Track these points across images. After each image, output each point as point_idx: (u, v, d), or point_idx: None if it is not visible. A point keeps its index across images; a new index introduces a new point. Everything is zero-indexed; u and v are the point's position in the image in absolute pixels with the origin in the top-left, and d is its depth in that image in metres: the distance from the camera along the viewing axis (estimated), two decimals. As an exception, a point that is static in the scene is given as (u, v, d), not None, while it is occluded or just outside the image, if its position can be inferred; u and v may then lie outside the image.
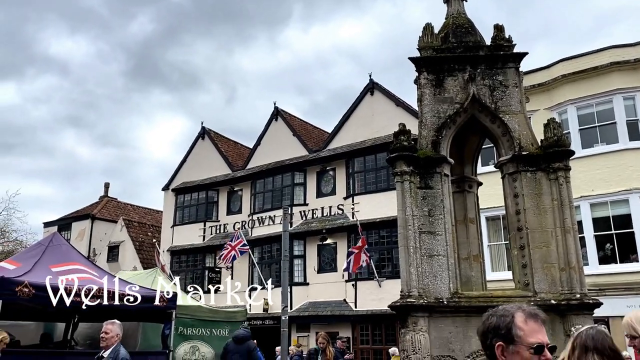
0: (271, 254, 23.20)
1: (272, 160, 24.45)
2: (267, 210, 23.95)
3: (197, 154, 28.02)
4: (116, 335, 5.86)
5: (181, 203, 27.43)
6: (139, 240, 30.59)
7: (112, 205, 36.32)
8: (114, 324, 5.88)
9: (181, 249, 26.17)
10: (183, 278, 25.03)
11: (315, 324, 20.56)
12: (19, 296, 7.77)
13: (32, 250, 9.97)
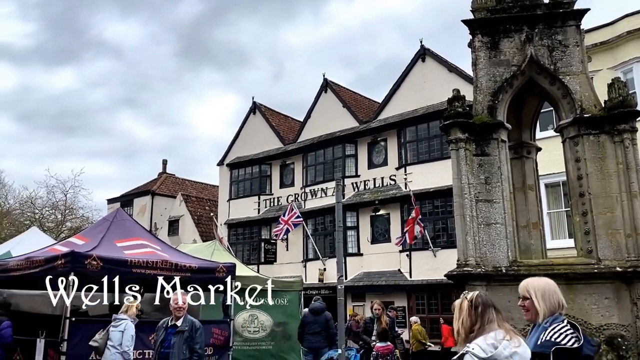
0: (324, 225, 23.42)
1: (322, 133, 24.46)
2: (319, 182, 24.09)
3: (249, 129, 28.39)
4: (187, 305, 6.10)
5: (236, 177, 28.00)
6: (197, 215, 31.61)
7: (170, 181, 37.56)
8: (185, 294, 6.10)
9: (237, 222, 26.83)
10: (240, 250, 25.75)
11: (370, 294, 20.74)
12: (89, 269, 8.24)
13: (99, 226, 10.48)
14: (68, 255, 8.12)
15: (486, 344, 2.85)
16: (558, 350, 3.03)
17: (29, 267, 8.95)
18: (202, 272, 9.62)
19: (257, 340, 11.43)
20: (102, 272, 8.65)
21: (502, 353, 2.81)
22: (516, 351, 2.85)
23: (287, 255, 24.42)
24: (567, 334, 3.10)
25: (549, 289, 3.27)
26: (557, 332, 3.10)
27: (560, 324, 3.17)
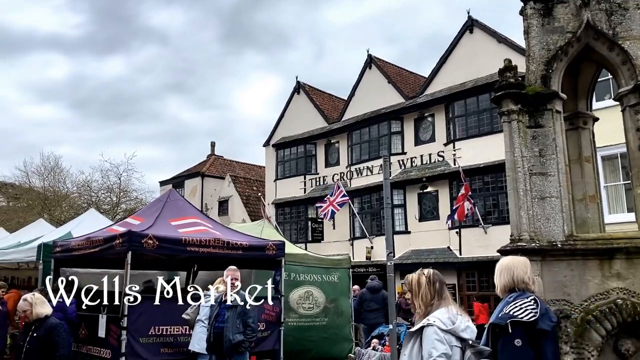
0: (371, 204, 23.36)
1: (367, 110, 24.25)
2: (364, 161, 23.98)
3: (294, 109, 28.47)
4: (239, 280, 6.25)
5: (281, 158, 28.24)
6: (245, 195, 32.19)
7: (219, 162, 38.30)
8: (238, 271, 6.24)
9: (284, 201, 27.14)
10: (287, 229, 26.08)
11: (419, 272, 20.65)
12: (145, 247, 8.55)
13: (153, 207, 10.83)
14: (125, 235, 8.45)
15: (445, 317, 3.09)
16: (513, 322, 3.20)
17: (89, 246, 9.38)
18: (253, 249, 9.82)
19: (311, 316, 11.63)
20: (157, 251, 8.98)
21: (460, 326, 3.08)
22: (468, 325, 3.16)
23: (334, 234, 24.56)
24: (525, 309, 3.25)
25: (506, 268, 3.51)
26: (517, 306, 3.26)
27: (524, 300, 3.31)
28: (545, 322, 3.28)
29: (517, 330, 3.19)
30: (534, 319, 3.21)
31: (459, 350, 3.07)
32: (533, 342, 3.21)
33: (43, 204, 33.79)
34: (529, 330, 3.21)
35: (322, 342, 11.66)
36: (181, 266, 12.31)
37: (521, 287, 3.43)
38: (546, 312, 3.35)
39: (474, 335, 3.17)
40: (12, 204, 38.80)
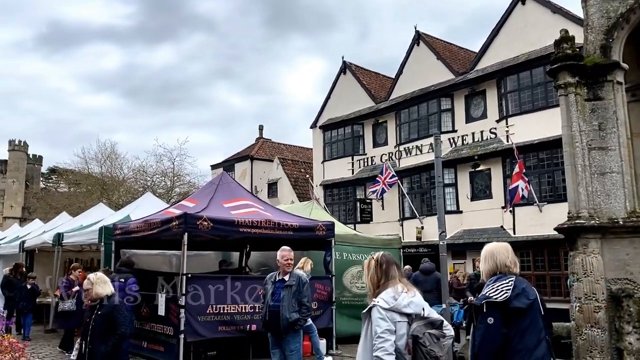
0: (420, 183, 23.08)
1: (416, 88, 23.82)
2: (413, 140, 23.65)
3: (340, 90, 28.32)
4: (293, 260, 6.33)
5: (329, 139, 28.23)
6: (293, 177, 32.48)
7: (267, 145, 38.74)
8: (292, 251, 6.34)
9: (332, 183, 27.20)
10: (336, 210, 26.17)
11: (471, 251, 20.30)
12: (200, 229, 8.81)
13: (206, 189, 11.12)
14: (181, 217, 8.72)
15: (389, 296, 3.40)
16: (487, 302, 3.44)
17: (147, 228, 9.75)
18: (303, 230, 9.94)
19: (364, 295, 11.68)
20: (212, 232, 9.22)
21: (401, 303, 3.38)
22: (412, 300, 3.43)
23: (383, 215, 24.47)
24: (501, 290, 3.46)
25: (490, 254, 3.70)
26: (494, 288, 3.49)
27: (502, 282, 3.51)
28: (521, 301, 3.44)
29: (491, 310, 3.42)
30: (506, 298, 3.40)
31: (404, 324, 3.37)
32: (508, 321, 3.40)
33: (102, 189, 35.26)
34: (503, 310, 3.40)
35: (375, 322, 11.73)
36: (234, 247, 12.61)
37: (504, 270, 3.62)
38: (523, 291, 3.50)
39: (418, 309, 3.42)
40: (73, 189, 40.71)
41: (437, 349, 3.32)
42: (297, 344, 6.08)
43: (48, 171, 69.32)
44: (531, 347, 3.41)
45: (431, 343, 3.33)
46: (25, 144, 74.39)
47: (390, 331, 3.33)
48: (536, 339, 3.47)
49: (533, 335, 3.45)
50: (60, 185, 51.55)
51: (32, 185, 71.56)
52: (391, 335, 3.33)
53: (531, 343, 3.43)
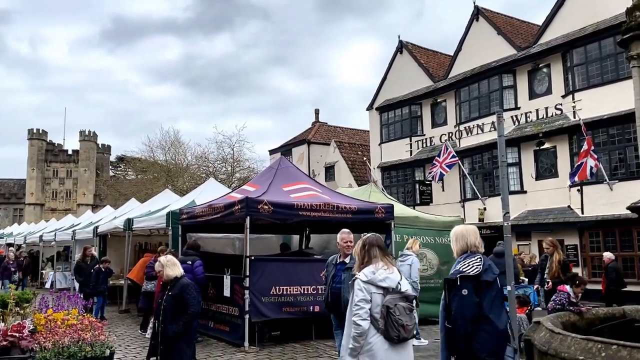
0: (482, 164, 22.48)
1: (475, 65, 23.09)
2: (474, 119, 23.01)
3: (397, 70, 27.89)
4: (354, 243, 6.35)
5: (385, 121, 27.94)
6: (351, 160, 32.46)
7: (323, 129, 38.86)
8: (351, 233, 6.36)
9: (390, 165, 26.97)
10: (395, 192, 25.97)
11: (536, 232, 19.68)
12: (261, 213, 9.00)
13: (266, 174, 11.32)
14: (243, 202, 8.94)
15: (368, 271, 3.97)
16: (462, 276, 3.94)
17: (211, 213, 10.06)
18: (362, 213, 9.95)
19: (426, 278, 11.63)
20: (272, 215, 9.40)
21: (378, 277, 3.93)
22: (388, 276, 3.97)
23: (444, 196, 24.06)
24: (472, 265, 3.98)
25: (461, 235, 4.22)
26: (466, 264, 4.00)
27: (472, 259, 4.03)
28: (489, 275, 3.99)
29: (464, 282, 3.93)
30: (478, 272, 3.94)
31: (379, 296, 3.91)
32: (478, 291, 3.92)
33: (167, 175, 36.64)
34: (475, 282, 3.92)
35: (439, 303, 11.62)
36: (294, 230, 12.81)
37: (473, 249, 4.13)
38: (489, 267, 4.04)
39: (393, 284, 3.95)
40: (140, 176, 42.53)
41: (405, 319, 3.88)
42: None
43: (116, 160, 72.76)
44: (497, 313, 3.96)
45: (401, 313, 3.87)
46: (94, 134, 78.26)
47: (365, 300, 3.87)
48: (501, 307, 4.06)
49: (498, 303, 4.03)
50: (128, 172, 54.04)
51: (102, 173, 75.37)
52: (366, 304, 3.86)
53: (497, 310, 3.98)
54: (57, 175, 76.56)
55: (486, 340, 3.87)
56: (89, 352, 3.98)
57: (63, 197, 75.93)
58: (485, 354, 3.87)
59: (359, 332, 3.84)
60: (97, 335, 4.12)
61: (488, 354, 3.88)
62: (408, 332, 3.90)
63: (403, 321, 3.85)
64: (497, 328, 3.91)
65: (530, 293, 9.29)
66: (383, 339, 3.87)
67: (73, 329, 4.15)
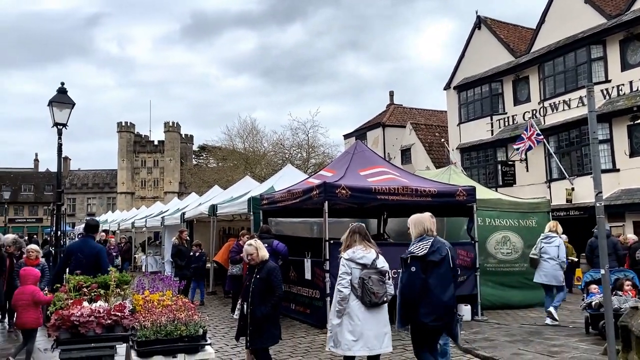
0: (569, 141, 21.24)
1: (561, 37, 21.73)
2: (559, 94, 21.74)
3: (475, 47, 26.85)
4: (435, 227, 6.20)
5: (464, 100, 27.05)
6: (427, 142, 31.80)
7: (398, 111, 38.30)
8: (433, 217, 6.22)
9: (470, 145, 26.14)
10: (475, 174, 25.19)
11: (631, 213, 18.39)
12: (339, 197, 9.05)
13: (342, 159, 11.35)
14: (321, 186, 9.03)
15: (350, 251, 5.07)
16: (411, 256, 4.83)
17: (290, 198, 10.25)
18: (442, 196, 9.74)
19: (510, 261, 11.28)
20: (350, 200, 9.43)
21: (356, 256, 5.02)
22: (365, 255, 5.02)
23: (528, 177, 23.02)
24: (421, 247, 4.84)
25: (417, 221, 5.09)
26: (417, 246, 4.88)
27: (424, 242, 4.89)
28: (435, 256, 4.81)
29: (413, 261, 4.81)
30: (424, 253, 4.79)
31: (357, 270, 4.98)
32: (424, 269, 4.77)
33: (245, 163, 37.72)
34: (422, 262, 4.77)
35: (524, 288, 11.23)
36: (372, 214, 12.78)
37: (429, 233, 5.00)
38: (437, 249, 4.85)
39: (368, 261, 5.00)
40: (221, 164, 44.11)
41: (376, 288, 4.93)
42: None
43: (199, 149, 75.82)
44: (443, 288, 4.80)
45: (374, 283, 4.93)
46: (178, 125, 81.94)
47: (347, 273, 4.98)
48: (445, 284, 4.84)
49: (443, 280, 4.83)
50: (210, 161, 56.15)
51: (186, 162, 78.91)
52: (347, 276, 4.98)
53: (443, 285, 4.82)
54: (145, 165, 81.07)
55: (427, 307, 4.73)
56: (184, 330, 4.20)
57: (151, 185, 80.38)
58: (429, 319, 4.75)
59: (341, 297, 4.92)
60: (191, 316, 4.35)
61: (431, 320, 4.75)
62: (379, 298, 4.93)
63: (375, 290, 4.91)
64: (441, 300, 4.76)
65: (633, 277, 8.75)
66: (360, 303, 4.92)
67: (168, 309, 4.41)
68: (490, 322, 9.68)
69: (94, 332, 4.23)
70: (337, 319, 4.94)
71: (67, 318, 4.19)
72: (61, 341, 4.24)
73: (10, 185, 72.55)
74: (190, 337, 4.22)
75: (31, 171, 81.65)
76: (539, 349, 7.36)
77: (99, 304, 4.45)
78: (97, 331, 4.23)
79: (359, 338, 4.91)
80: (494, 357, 6.97)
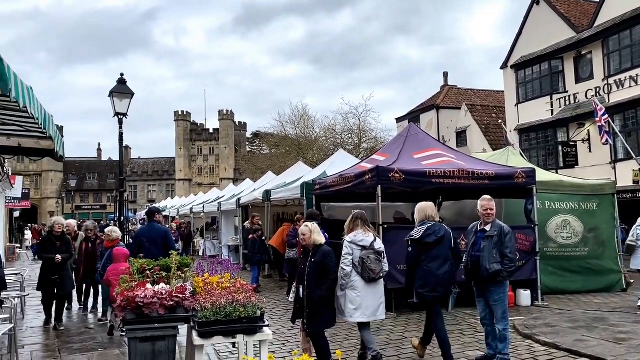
0: (636, 119, 20.12)
1: (627, 10, 20.49)
2: (625, 70, 20.57)
3: (533, 23, 25.74)
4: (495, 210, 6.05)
5: (522, 79, 26.07)
6: (484, 123, 30.92)
7: (453, 93, 37.39)
8: (492, 200, 6.07)
9: (529, 126, 25.22)
10: (534, 156, 24.34)
11: None
12: (392, 181, 8.96)
13: (395, 142, 11.21)
14: (374, 171, 8.97)
15: (352, 235, 5.88)
16: (410, 239, 5.94)
17: (342, 182, 10.25)
18: (500, 178, 9.47)
19: (570, 246, 10.87)
20: (404, 184, 9.33)
21: (357, 239, 5.82)
22: (364, 238, 5.83)
23: (590, 157, 22.01)
24: (420, 231, 5.88)
25: (420, 209, 6.14)
26: (416, 230, 5.93)
27: (422, 227, 5.91)
28: (430, 238, 5.85)
29: (412, 243, 5.94)
30: (420, 236, 5.85)
31: (358, 250, 5.77)
32: (421, 250, 5.89)
33: (297, 149, 37.99)
34: (419, 243, 5.87)
35: (586, 273, 10.83)
36: (426, 198, 12.52)
37: (430, 219, 6.02)
38: (433, 232, 5.88)
39: (367, 244, 5.81)
40: (274, 151, 44.63)
41: (374, 266, 5.73)
42: (501, 295, 5.87)
43: (252, 136, 77.04)
44: (435, 267, 5.86)
45: (372, 262, 5.74)
46: (231, 113, 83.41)
47: (349, 254, 5.75)
48: (440, 263, 5.87)
49: (438, 260, 5.87)
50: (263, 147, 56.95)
51: (240, 149, 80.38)
52: (350, 256, 5.75)
53: (436, 264, 5.86)
54: (201, 153, 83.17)
55: (422, 280, 5.88)
56: (242, 312, 4.30)
57: (207, 172, 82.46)
58: (425, 290, 5.87)
59: (345, 274, 5.70)
60: (249, 298, 4.44)
61: (426, 291, 5.86)
62: (376, 275, 5.74)
63: (373, 267, 5.72)
64: (434, 273, 5.83)
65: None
66: (360, 278, 5.73)
67: (227, 291, 4.52)
68: (551, 307, 9.38)
69: (157, 313, 4.40)
70: (340, 291, 5.72)
71: (132, 299, 4.38)
72: (127, 321, 4.44)
73: (76, 174, 76.42)
74: (249, 318, 4.31)
75: (95, 160, 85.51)
76: (604, 335, 7.07)
77: (162, 286, 4.62)
78: (160, 312, 4.40)
79: (359, 307, 5.71)
80: (556, 343, 6.76)
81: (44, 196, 74.19)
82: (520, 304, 9.52)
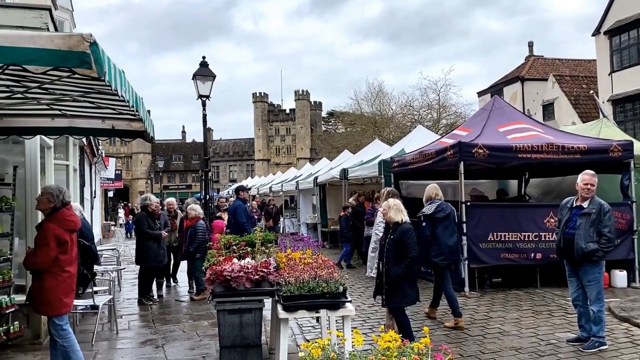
0: None
1: None
2: None
3: (630, -17, 23.65)
4: (595, 186, 5.66)
5: (617, 45, 24.12)
6: (573, 95, 29.06)
7: (539, 63, 35.39)
8: (595, 176, 5.66)
9: (624, 96, 23.39)
10: (630, 128, 22.59)
11: None
12: (476, 157, 8.64)
13: (478, 116, 10.77)
14: (456, 146, 8.68)
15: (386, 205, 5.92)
16: (423, 215, 6.98)
17: (422, 160, 10.02)
18: (593, 152, 8.88)
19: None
20: (488, 160, 8.98)
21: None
22: None
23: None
24: (431, 208, 6.90)
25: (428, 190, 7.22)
26: (427, 207, 6.98)
27: (431, 204, 6.96)
28: (440, 214, 6.81)
29: (425, 218, 6.90)
30: (431, 212, 6.83)
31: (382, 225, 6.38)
32: (432, 223, 6.84)
33: (373, 127, 37.66)
34: (430, 219, 6.84)
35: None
36: (511, 174, 12.07)
37: (437, 198, 7.02)
38: (441, 209, 6.85)
39: None
40: (349, 129, 44.56)
41: None
42: (597, 275, 5.53)
43: (327, 115, 77.31)
44: (447, 235, 6.79)
45: None
46: (307, 93, 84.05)
47: (382, 222, 6.12)
48: (449, 234, 6.82)
49: (447, 232, 6.81)
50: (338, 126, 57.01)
51: (315, 129, 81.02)
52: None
53: (448, 234, 6.81)
54: (278, 133, 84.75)
55: (436, 250, 6.74)
56: (325, 287, 4.34)
57: (285, 152, 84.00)
58: (439, 259, 6.74)
59: (377, 238, 6.41)
60: (331, 273, 4.48)
61: (441, 259, 6.74)
62: None
63: None
64: (446, 243, 6.74)
65: None
66: None
67: (310, 267, 4.58)
68: (650, 290, 8.75)
69: (244, 286, 4.54)
70: (372, 253, 6.86)
71: (220, 273, 4.55)
72: (216, 294, 4.62)
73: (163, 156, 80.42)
74: (331, 293, 4.35)
75: (180, 142, 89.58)
76: None
77: (247, 261, 4.76)
78: (246, 285, 4.54)
79: None
80: (657, 328, 6.30)
81: (134, 177, 78.98)
82: (616, 285, 8.94)
